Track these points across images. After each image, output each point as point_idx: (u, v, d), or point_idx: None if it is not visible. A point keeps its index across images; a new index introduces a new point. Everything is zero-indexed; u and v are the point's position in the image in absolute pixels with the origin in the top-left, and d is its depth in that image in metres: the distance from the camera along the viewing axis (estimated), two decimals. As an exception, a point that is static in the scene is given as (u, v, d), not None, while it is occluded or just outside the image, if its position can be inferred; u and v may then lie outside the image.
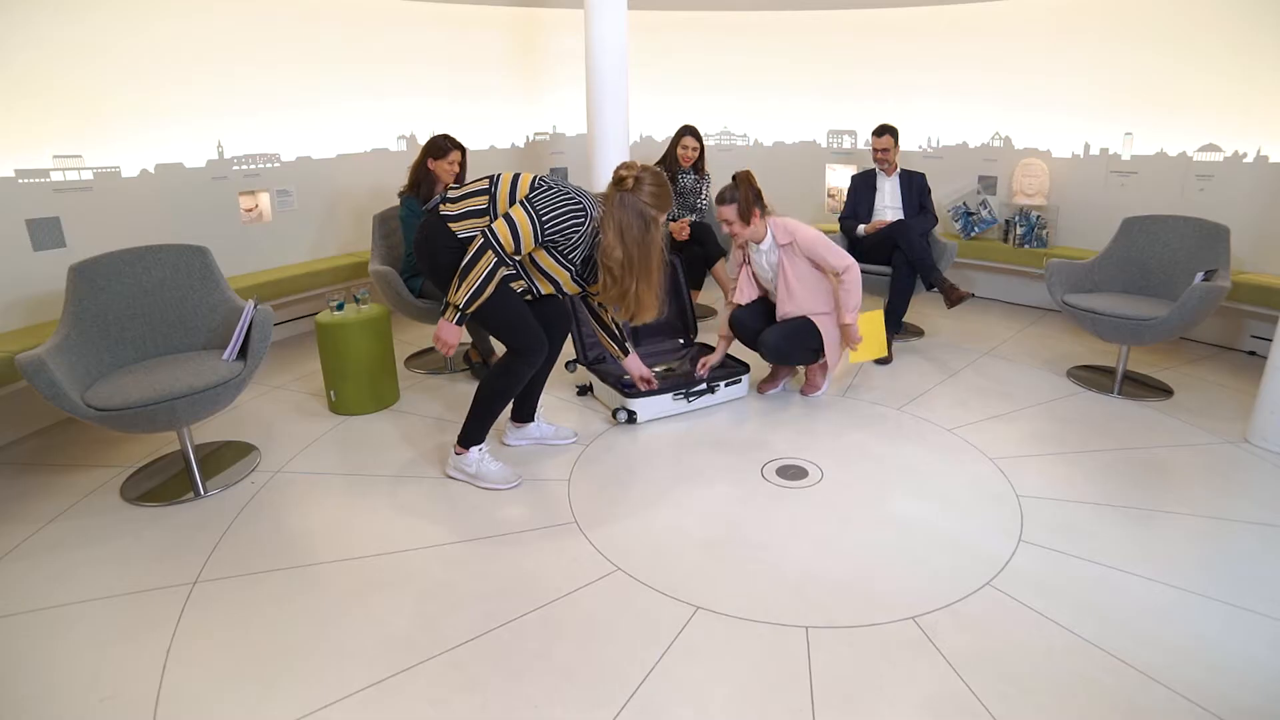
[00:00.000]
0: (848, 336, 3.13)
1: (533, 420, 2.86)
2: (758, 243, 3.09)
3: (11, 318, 3.01)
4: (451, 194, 2.41)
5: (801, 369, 3.43)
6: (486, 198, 2.36)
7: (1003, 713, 1.60)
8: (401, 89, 4.48)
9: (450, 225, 2.37)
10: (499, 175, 2.40)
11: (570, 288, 2.51)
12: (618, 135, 3.81)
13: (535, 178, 2.37)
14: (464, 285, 2.25)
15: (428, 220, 2.43)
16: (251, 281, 3.68)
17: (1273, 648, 1.79)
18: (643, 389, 2.98)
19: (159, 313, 2.70)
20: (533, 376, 2.75)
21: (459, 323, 2.32)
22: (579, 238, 2.36)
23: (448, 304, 2.31)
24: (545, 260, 2.41)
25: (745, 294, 3.21)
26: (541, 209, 2.28)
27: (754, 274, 3.21)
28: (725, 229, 3.07)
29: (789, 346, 3.13)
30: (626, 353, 2.85)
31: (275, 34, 3.85)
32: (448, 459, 2.62)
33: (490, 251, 2.24)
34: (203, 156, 3.68)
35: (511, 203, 2.32)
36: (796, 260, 3.04)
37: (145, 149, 3.44)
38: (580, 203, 2.33)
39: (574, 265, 2.45)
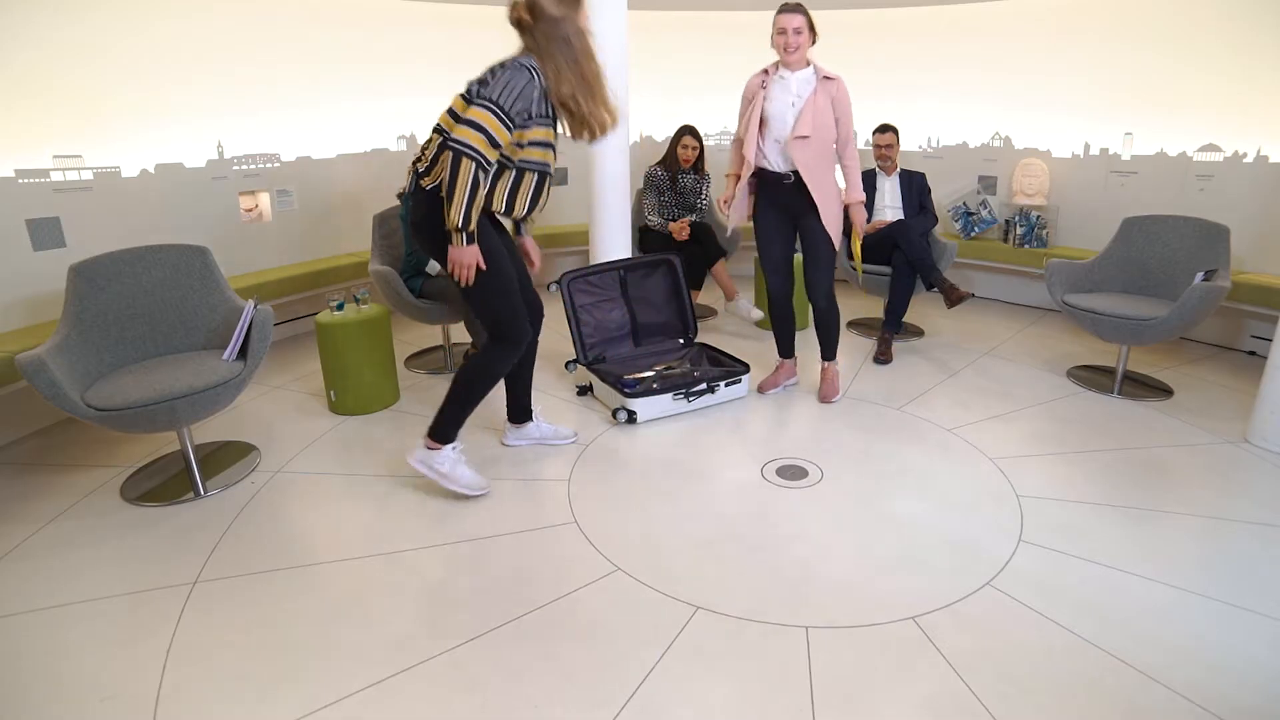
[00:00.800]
0: (856, 217, 3.04)
1: (530, 420, 2.85)
2: (792, 70, 2.94)
3: (11, 318, 3.01)
4: (421, 168, 2.27)
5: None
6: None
7: (1003, 713, 1.60)
8: (401, 89, 4.48)
9: (441, 195, 2.22)
10: (439, 123, 2.26)
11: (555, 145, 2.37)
12: (618, 135, 3.79)
13: (465, 88, 2.22)
14: (454, 204, 2.11)
15: (417, 200, 2.29)
16: (251, 281, 3.68)
17: (1273, 648, 1.79)
18: (530, 269, 2.70)
19: (159, 313, 2.70)
20: (516, 374, 2.73)
21: (467, 242, 2.18)
22: (540, 94, 2.20)
23: (449, 231, 2.18)
24: (529, 132, 2.23)
25: (751, 140, 3.02)
26: (496, 96, 2.12)
27: (763, 111, 2.98)
28: (788, 37, 2.88)
29: (828, 282, 3.11)
30: (520, 234, 2.70)
31: (275, 34, 3.85)
32: (415, 449, 2.47)
33: (465, 159, 2.08)
34: (203, 156, 3.68)
35: (459, 124, 2.13)
36: (824, 101, 2.91)
37: (145, 149, 3.44)
38: (518, 64, 2.16)
39: (553, 120, 2.30)
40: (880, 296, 3.96)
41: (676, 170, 4.32)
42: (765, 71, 3.02)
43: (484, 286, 2.31)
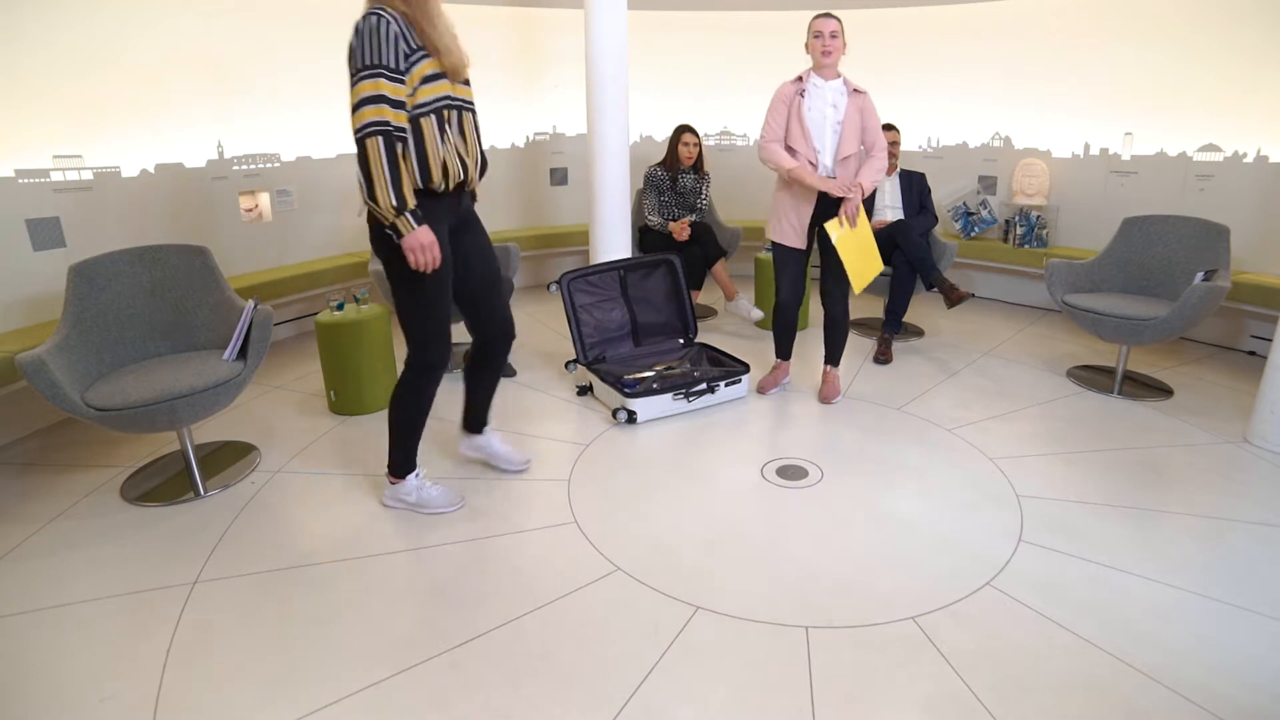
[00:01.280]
0: (852, 195, 2.91)
1: (482, 434, 2.64)
2: (826, 79, 2.97)
3: (11, 318, 3.01)
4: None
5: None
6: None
7: (1003, 713, 1.60)
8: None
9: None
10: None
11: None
12: (618, 135, 3.80)
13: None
14: (378, 190, 1.91)
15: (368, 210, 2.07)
16: (251, 281, 3.68)
17: (1273, 648, 1.79)
18: None
19: (159, 313, 2.70)
20: (475, 381, 2.55)
21: (417, 223, 1.98)
22: (400, 29, 1.96)
23: (391, 225, 1.98)
24: (415, 71, 1.99)
25: (809, 145, 2.96)
26: (366, 60, 1.90)
27: (800, 118, 2.96)
28: (824, 40, 2.91)
29: (846, 286, 3.11)
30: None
31: (275, 34, 3.85)
32: (383, 490, 2.46)
33: (369, 139, 1.90)
34: (203, 156, 3.68)
35: (355, 110, 1.93)
36: (856, 116, 2.96)
37: (145, 149, 3.44)
38: (364, 18, 1.94)
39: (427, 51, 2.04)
40: (880, 296, 3.96)
41: (677, 170, 4.31)
42: (800, 78, 3.02)
43: (416, 294, 2.13)
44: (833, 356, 3.28)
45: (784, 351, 3.36)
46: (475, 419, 2.63)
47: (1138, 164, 4.23)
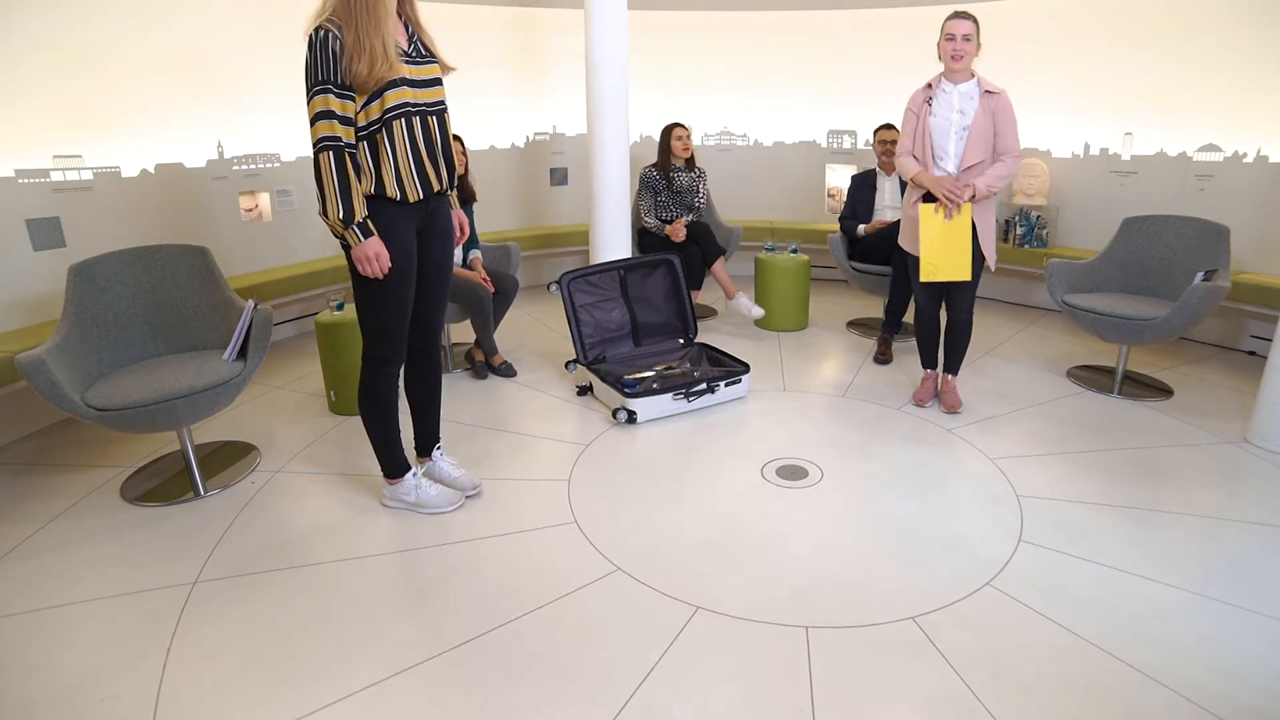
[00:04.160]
0: (956, 185, 2.82)
1: (430, 455, 2.54)
2: (955, 82, 2.87)
3: (11, 318, 3.01)
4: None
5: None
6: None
7: (1003, 713, 1.60)
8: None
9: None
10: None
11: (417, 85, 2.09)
12: (618, 135, 3.80)
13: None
14: (327, 199, 1.95)
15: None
16: (251, 281, 3.68)
17: (1273, 648, 1.79)
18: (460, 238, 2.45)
19: (159, 313, 2.70)
20: (413, 394, 2.46)
21: (365, 235, 1.99)
22: (343, 47, 1.92)
23: (340, 236, 2.01)
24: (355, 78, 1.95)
25: (917, 144, 2.94)
26: (317, 78, 1.91)
27: (926, 128, 2.90)
28: (957, 42, 2.81)
29: (971, 294, 3.03)
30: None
31: (275, 34, 3.85)
32: (382, 491, 2.45)
33: (321, 155, 1.93)
34: (203, 156, 3.68)
35: (311, 125, 1.96)
36: (987, 121, 2.84)
37: (145, 149, 3.44)
38: (316, 31, 1.92)
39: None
40: (880, 296, 3.95)
41: (671, 169, 4.28)
42: (929, 85, 2.94)
43: (374, 289, 2.12)
44: (951, 364, 3.19)
45: (929, 360, 3.27)
46: (419, 436, 2.54)
47: (1138, 164, 4.23)
